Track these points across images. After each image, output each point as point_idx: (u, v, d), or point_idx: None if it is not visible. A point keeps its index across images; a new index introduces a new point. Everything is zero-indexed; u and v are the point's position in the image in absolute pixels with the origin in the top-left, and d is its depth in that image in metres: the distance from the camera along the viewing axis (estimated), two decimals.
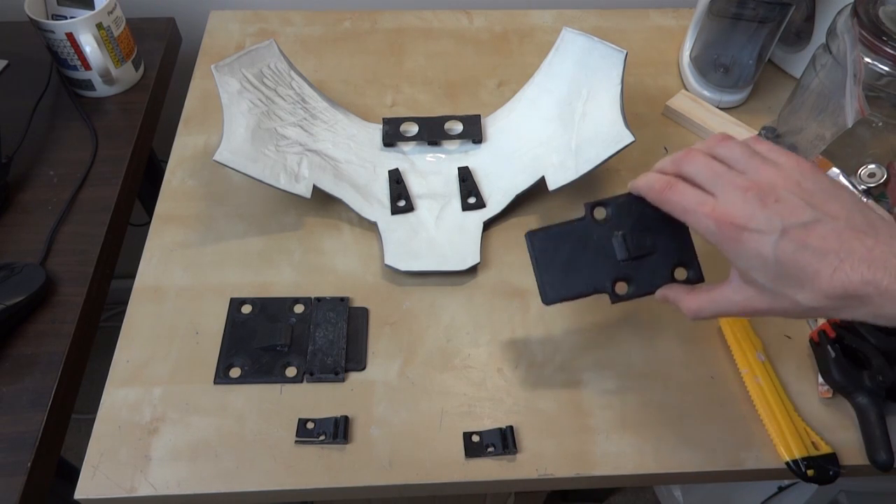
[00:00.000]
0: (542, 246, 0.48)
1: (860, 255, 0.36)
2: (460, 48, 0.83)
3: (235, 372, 0.53)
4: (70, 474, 0.51)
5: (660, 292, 0.46)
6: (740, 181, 0.39)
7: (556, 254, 0.48)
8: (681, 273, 0.47)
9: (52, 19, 0.73)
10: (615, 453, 0.50)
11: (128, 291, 0.57)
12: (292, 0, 0.88)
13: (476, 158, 0.68)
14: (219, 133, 0.60)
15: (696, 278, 0.48)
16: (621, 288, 0.47)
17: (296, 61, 0.71)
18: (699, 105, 0.74)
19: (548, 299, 0.48)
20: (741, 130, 0.71)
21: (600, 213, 0.48)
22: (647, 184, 0.43)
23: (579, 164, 0.60)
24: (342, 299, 0.57)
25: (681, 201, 0.41)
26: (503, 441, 0.50)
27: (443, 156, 0.68)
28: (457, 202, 0.64)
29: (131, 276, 0.58)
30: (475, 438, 0.50)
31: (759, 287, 0.40)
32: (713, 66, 0.75)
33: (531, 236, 0.48)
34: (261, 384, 0.53)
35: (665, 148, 0.72)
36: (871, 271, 0.35)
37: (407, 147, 0.69)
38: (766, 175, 0.39)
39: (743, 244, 0.38)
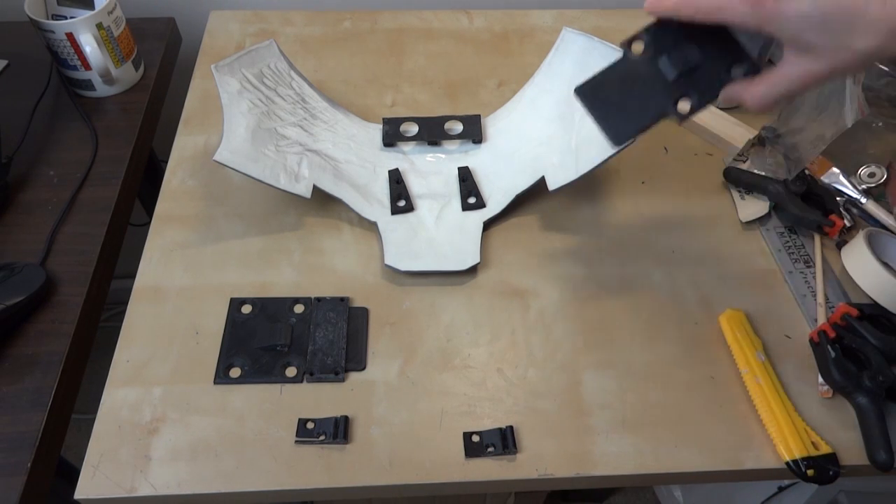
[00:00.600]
0: (593, 95, 0.47)
1: None
2: (460, 48, 0.83)
3: (235, 372, 0.53)
4: (70, 474, 0.51)
5: (722, 95, 0.45)
6: None
7: (609, 98, 0.47)
8: (736, 72, 0.45)
9: (52, 19, 0.73)
10: (615, 453, 0.50)
11: (128, 291, 0.57)
12: (292, 0, 0.88)
13: (476, 158, 0.68)
14: (219, 133, 0.60)
15: (753, 70, 0.45)
16: (683, 106, 0.46)
17: (296, 61, 0.71)
18: None
19: (619, 140, 0.47)
20: (741, 130, 0.71)
21: (638, 47, 0.46)
22: (673, 2, 0.42)
23: (579, 164, 0.60)
24: (342, 299, 0.57)
25: (709, 1, 0.40)
26: (503, 441, 0.50)
27: (443, 156, 0.68)
28: (457, 202, 0.64)
29: (131, 276, 0.58)
30: (475, 438, 0.50)
31: (814, 51, 0.38)
32: None
33: (580, 90, 0.47)
34: (261, 384, 0.53)
35: (665, 148, 0.72)
36: None
37: (407, 147, 0.69)
38: None
39: (783, 11, 0.37)
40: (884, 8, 0.35)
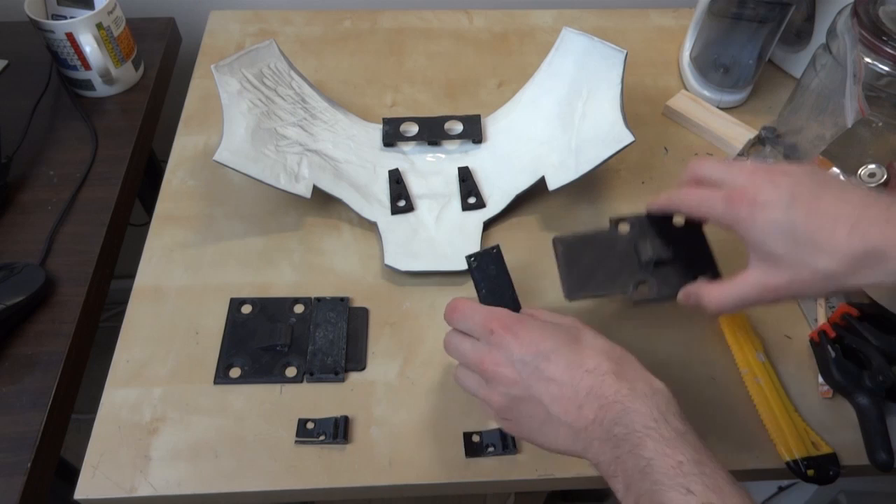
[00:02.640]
0: (568, 249, 0.51)
1: (875, 214, 0.37)
2: (460, 48, 0.83)
3: (235, 372, 0.53)
4: (70, 474, 0.51)
5: (682, 292, 0.47)
6: (748, 166, 0.42)
7: (581, 257, 0.51)
8: (701, 280, 0.49)
9: (52, 19, 0.73)
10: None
11: (128, 291, 0.57)
12: (292, 0, 0.88)
13: (476, 158, 0.68)
14: (219, 133, 0.60)
15: (714, 278, 0.49)
16: (643, 291, 0.49)
17: (296, 61, 0.71)
18: (699, 105, 0.74)
19: (572, 294, 0.49)
20: (741, 130, 0.71)
21: (624, 227, 0.52)
22: (666, 197, 0.47)
23: (579, 164, 0.60)
24: (342, 299, 0.57)
25: (693, 196, 0.44)
26: (503, 441, 0.50)
27: (443, 156, 0.68)
28: (457, 202, 0.64)
29: (131, 276, 0.58)
30: (475, 438, 0.50)
31: (776, 262, 0.40)
32: (713, 66, 0.75)
33: (558, 240, 0.51)
34: (261, 384, 0.53)
35: (665, 148, 0.72)
36: (891, 227, 0.36)
37: (407, 147, 0.69)
38: (770, 163, 0.41)
39: (756, 216, 0.39)
40: (849, 236, 0.37)
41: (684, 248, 0.50)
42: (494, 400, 0.41)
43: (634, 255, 0.50)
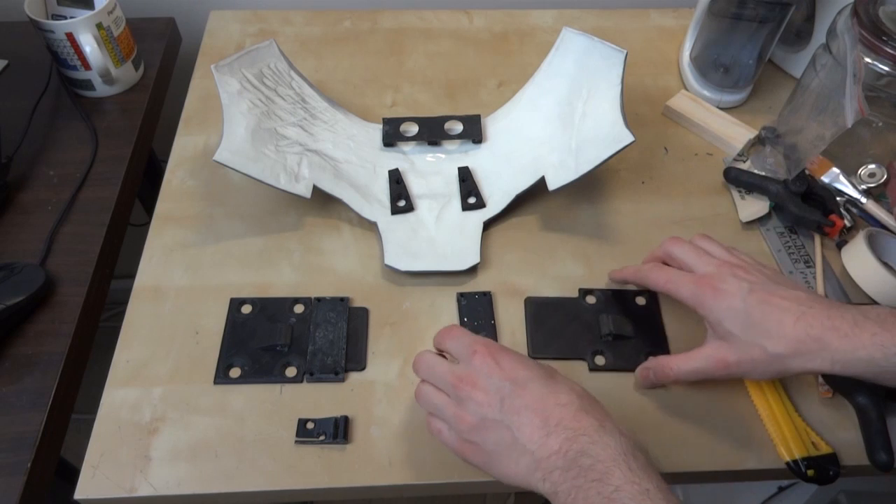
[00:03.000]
0: (538, 310, 0.57)
1: (820, 310, 0.43)
2: (460, 48, 0.83)
3: (235, 372, 0.53)
4: (70, 474, 0.51)
5: (640, 368, 0.52)
6: (714, 259, 0.49)
7: (549, 319, 0.57)
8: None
9: (52, 19, 0.73)
10: None
11: (128, 291, 0.57)
12: (292, 0, 0.88)
13: (476, 158, 0.68)
14: (219, 133, 0.60)
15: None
16: (600, 360, 0.54)
17: (296, 61, 0.71)
18: (699, 105, 0.74)
19: (534, 353, 0.55)
20: (741, 130, 0.71)
21: (591, 299, 0.58)
22: (633, 270, 0.55)
23: (579, 164, 0.60)
24: (342, 299, 0.57)
25: (662, 274, 0.51)
26: None
27: (443, 156, 0.68)
28: (457, 202, 0.64)
29: (131, 276, 0.58)
30: None
31: (731, 341, 0.46)
32: (713, 66, 0.76)
33: (529, 301, 0.58)
34: (261, 384, 0.53)
35: (665, 148, 0.72)
36: (832, 321, 0.42)
37: (407, 147, 0.69)
38: (734, 258, 0.50)
39: (718, 299, 0.46)
40: (795, 325, 0.43)
41: (641, 326, 0.56)
42: (464, 419, 0.42)
43: (596, 326, 0.56)
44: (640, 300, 0.58)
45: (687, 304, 0.49)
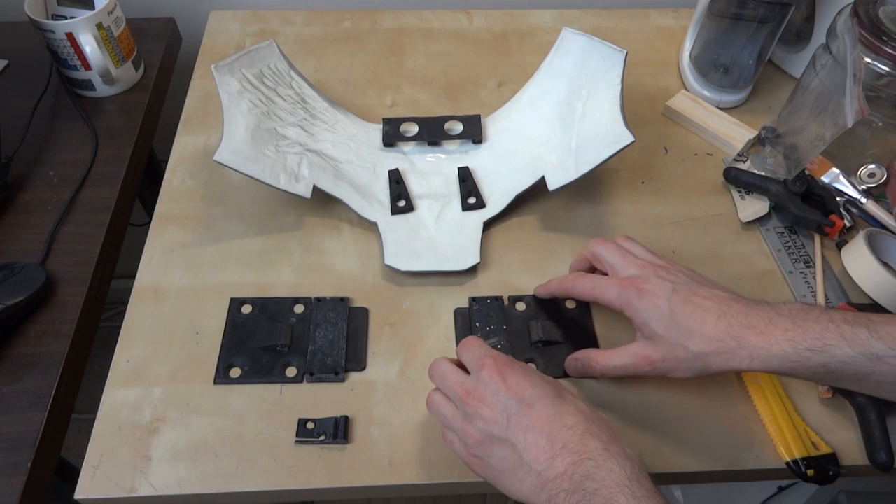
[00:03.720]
0: (466, 320, 0.57)
1: (738, 309, 0.44)
2: (460, 48, 0.83)
3: (235, 372, 0.53)
4: (70, 474, 0.51)
5: (570, 358, 0.53)
6: (638, 261, 0.50)
7: (488, 330, 0.56)
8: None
9: (52, 19, 0.73)
10: None
11: (128, 291, 0.57)
12: (292, 0, 0.88)
13: (476, 158, 0.68)
14: (219, 133, 0.60)
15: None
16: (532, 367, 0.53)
17: (296, 61, 0.71)
18: (699, 105, 0.74)
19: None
20: (741, 130, 0.71)
21: (521, 306, 0.58)
22: (557, 283, 0.55)
23: (579, 164, 0.60)
24: (342, 299, 0.57)
25: (587, 282, 0.51)
26: None
27: (443, 156, 0.68)
28: (457, 202, 0.64)
29: (131, 276, 0.58)
30: None
31: (656, 340, 0.46)
32: (713, 66, 0.76)
33: (458, 312, 0.57)
34: (261, 384, 0.53)
35: (665, 148, 0.72)
36: (749, 319, 0.43)
37: (407, 147, 0.69)
38: (656, 259, 0.51)
39: (642, 299, 0.47)
40: (716, 323, 0.44)
41: (572, 330, 0.56)
42: (471, 434, 0.43)
43: (527, 333, 0.56)
44: (570, 304, 0.58)
45: (613, 307, 0.49)
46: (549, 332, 0.55)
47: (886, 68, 0.60)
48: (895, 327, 0.40)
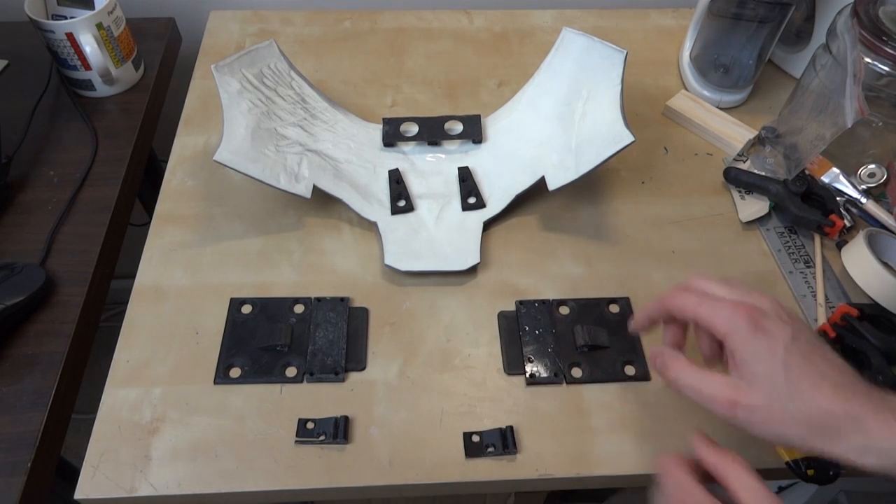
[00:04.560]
0: (511, 324, 0.56)
1: (861, 388, 0.37)
2: (460, 48, 0.83)
3: (235, 372, 0.53)
4: (70, 474, 0.51)
5: (656, 349, 0.46)
6: (758, 295, 0.41)
7: (531, 336, 0.56)
8: (630, 370, 0.54)
9: (52, 19, 0.73)
10: (615, 453, 0.50)
11: (128, 291, 0.57)
12: (292, 0, 0.88)
13: (476, 158, 0.68)
14: (219, 133, 0.60)
15: (642, 375, 0.54)
16: (577, 373, 0.54)
17: (296, 61, 0.71)
18: (699, 105, 0.74)
19: (509, 370, 0.54)
20: (741, 130, 0.71)
21: (564, 310, 0.57)
22: (654, 305, 0.46)
23: (579, 164, 0.60)
24: (342, 299, 0.57)
25: (694, 297, 0.42)
26: (503, 441, 0.50)
27: (443, 156, 0.68)
28: (457, 202, 0.64)
29: (131, 276, 0.58)
30: (475, 438, 0.50)
31: (754, 386, 0.39)
32: (713, 66, 0.76)
33: (503, 315, 0.57)
34: (261, 384, 0.53)
35: (665, 148, 0.72)
36: (872, 402, 0.36)
37: (407, 147, 0.69)
38: (770, 302, 0.41)
39: (757, 336, 0.39)
40: (833, 395, 0.37)
41: (616, 335, 0.55)
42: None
43: (571, 337, 0.55)
44: (614, 308, 0.58)
45: (716, 331, 0.40)
46: (594, 337, 0.54)
47: (886, 68, 0.60)
48: None
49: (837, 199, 0.63)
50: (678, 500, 0.38)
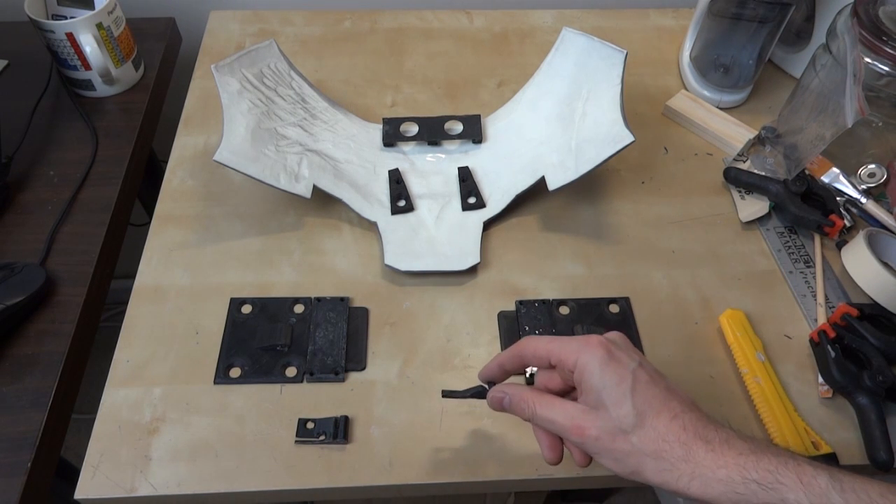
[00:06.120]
0: (511, 324, 0.56)
1: (698, 418, 0.39)
2: (460, 48, 0.83)
3: (235, 372, 0.53)
4: (70, 474, 0.51)
5: (495, 390, 0.45)
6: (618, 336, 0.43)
7: (531, 326, 0.56)
8: None
9: (52, 19, 0.73)
10: None
11: (128, 291, 0.57)
12: (292, 0, 0.88)
13: (476, 158, 0.68)
14: (219, 133, 0.60)
15: None
16: None
17: (296, 61, 0.71)
18: (699, 105, 0.74)
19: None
20: (741, 130, 0.71)
21: (564, 309, 0.57)
22: (496, 361, 0.45)
23: (579, 163, 0.60)
24: (342, 299, 0.57)
25: (544, 339, 0.43)
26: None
27: (443, 156, 0.68)
28: (457, 202, 0.64)
29: (131, 276, 0.58)
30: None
31: (599, 413, 0.39)
32: (713, 66, 0.76)
33: (502, 315, 0.57)
34: (261, 384, 0.53)
35: (665, 148, 0.72)
36: (706, 431, 0.38)
37: (407, 147, 0.69)
38: (624, 338, 0.43)
39: (606, 364, 0.39)
40: (670, 423, 0.38)
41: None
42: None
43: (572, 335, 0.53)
44: (614, 308, 0.58)
45: (566, 364, 0.41)
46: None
47: (886, 68, 0.60)
48: (862, 484, 0.35)
49: (837, 199, 0.63)
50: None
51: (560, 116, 0.65)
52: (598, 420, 0.39)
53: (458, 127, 0.69)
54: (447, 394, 0.47)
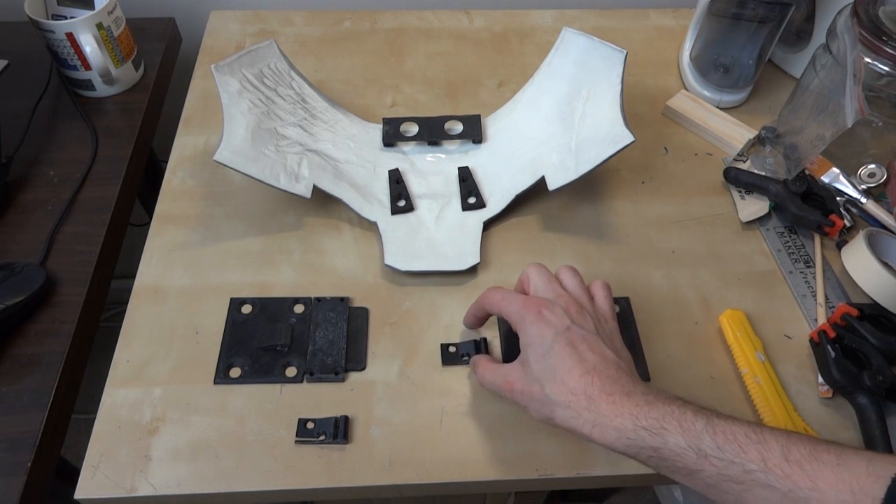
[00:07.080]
0: (510, 326, 0.54)
1: (610, 375, 0.42)
2: (460, 48, 0.83)
3: (235, 372, 0.53)
4: (70, 474, 0.51)
5: (473, 357, 0.52)
6: (560, 290, 0.48)
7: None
8: None
9: (52, 19, 0.73)
10: (615, 453, 0.50)
11: (128, 291, 0.57)
12: (292, 0, 0.88)
13: (476, 158, 0.68)
14: (219, 133, 0.60)
15: (642, 374, 0.52)
16: None
17: (296, 61, 0.71)
18: (699, 105, 0.74)
19: (509, 359, 0.53)
20: (741, 130, 0.71)
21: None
22: (474, 304, 0.52)
23: (579, 164, 0.60)
24: (342, 299, 0.57)
25: (498, 294, 0.49)
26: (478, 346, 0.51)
27: (443, 156, 0.68)
28: (457, 202, 0.64)
29: (131, 276, 0.58)
30: (451, 349, 0.52)
31: (525, 369, 0.45)
32: (713, 66, 0.76)
33: (502, 320, 0.56)
34: (261, 384, 0.53)
35: (665, 148, 0.72)
36: (612, 386, 0.42)
37: (407, 147, 0.69)
38: (582, 296, 0.48)
39: (535, 324, 0.45)
40: (580, 378, 0.42)
41: None
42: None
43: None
44: (615, 307, 0.57)
45: (511, 322, 0.47)
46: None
47: (886, 68, 0.60)
48: (734, 426, 0.38)
49: (837, 199, 0.63)
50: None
51: (560, 116, 0.65)
52: (522, 377, 0.45)
53: (458, 127, 0.69)
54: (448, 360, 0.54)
